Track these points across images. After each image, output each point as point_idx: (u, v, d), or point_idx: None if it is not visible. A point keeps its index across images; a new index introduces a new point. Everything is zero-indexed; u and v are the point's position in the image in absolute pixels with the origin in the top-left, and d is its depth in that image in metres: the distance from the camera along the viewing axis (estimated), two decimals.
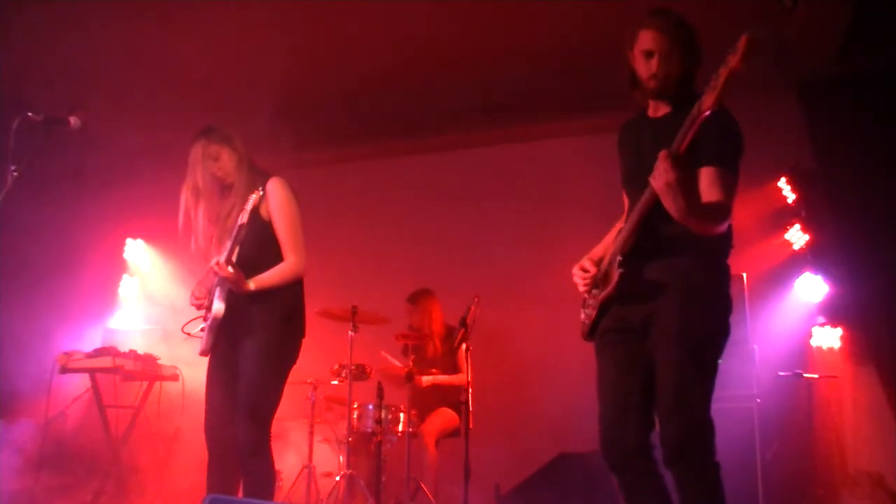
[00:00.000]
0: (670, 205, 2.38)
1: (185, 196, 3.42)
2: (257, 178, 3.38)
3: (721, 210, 2.47)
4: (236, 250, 3.25)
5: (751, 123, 2.61)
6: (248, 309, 3.28)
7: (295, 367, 3.46)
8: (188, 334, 3.53)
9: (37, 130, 3.12)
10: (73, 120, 3.21)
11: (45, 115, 3.14)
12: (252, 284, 3.25)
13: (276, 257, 3.35)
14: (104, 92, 5.67)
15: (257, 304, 3.28)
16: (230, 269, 3.19)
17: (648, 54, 2.59)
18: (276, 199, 3.35)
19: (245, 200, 3.25)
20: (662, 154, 2.33)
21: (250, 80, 5.48)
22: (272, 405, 3.30)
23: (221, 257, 3.23)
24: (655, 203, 2.45)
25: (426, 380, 5.28)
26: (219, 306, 3.26)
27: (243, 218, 3.20)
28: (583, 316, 2.77)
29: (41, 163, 3.08)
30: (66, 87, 5.54)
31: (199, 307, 3.44)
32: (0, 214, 2.95)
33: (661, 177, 2.33)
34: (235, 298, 3.27)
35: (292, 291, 3.39)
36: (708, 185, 2.48)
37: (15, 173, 3.03)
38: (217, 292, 3.29)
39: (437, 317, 5.60)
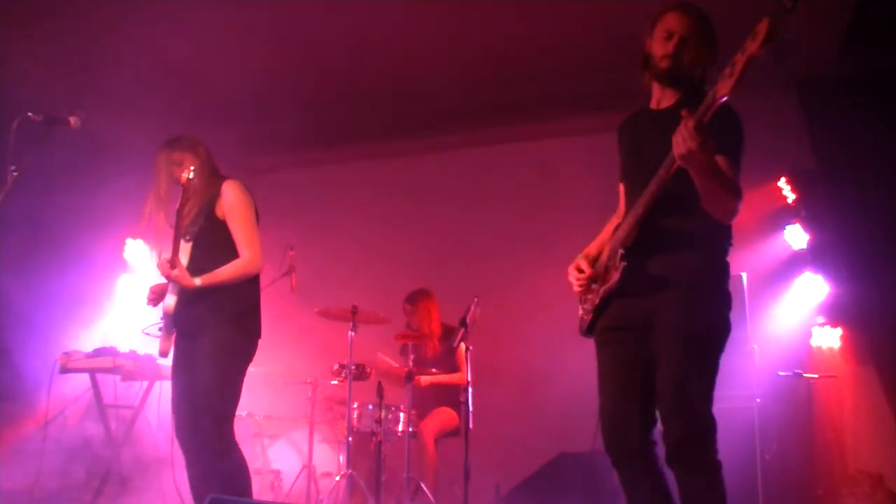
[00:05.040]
0: (694, 172, 2.32)
1: (147, 206, 3.48)
2: (214, 181, 3.42)
3: (736, 186, 2.45)
4: (180, 246, 3.28)
5: (751, 123, 2.60)
6: (201, 307, 3.29)
7: (295, 367, 3.45)
8: (147, 334, 3.54)
9: (37, 130, 3.12)
10: (73, 120, 3.21)
11: (45, 115, 3.14)
12: (198, 280, 3.26)
13: (232, 256, 3.36)
14: (104, 92, 5.68)
15: (209, 302, 3.29)
16: (174, 266, 3.22)
17: (669, 35, 2.59)
18: (229, 198, 3.37)
19: (202, 203, 3.32)
20: (684, 122, 2.23)
21: (250, 80, 5.48)
22: (230, 405, 3.28)
23: (164, 257, 3.26)
24: (660, 197, 2.43)
25: (425, 379, 5.28)
26: (169, 300, 3.29)
27: (180, 202, 3.22)
28: (581, 312, 2.76)
29: (42, 163, 3.08)
30: (66, 87, 5.55)
31: (153, 304, 3.46)
32: (0, 214, 2.95)
33: (682, 144, 2.22)
34: (188, 296, 3.28)
35: (246, 289, 3.38)
36: None
37: (15, 173, 3.03)
38: (170, 287, 3.32)
39: (436, 317, 5.59)
